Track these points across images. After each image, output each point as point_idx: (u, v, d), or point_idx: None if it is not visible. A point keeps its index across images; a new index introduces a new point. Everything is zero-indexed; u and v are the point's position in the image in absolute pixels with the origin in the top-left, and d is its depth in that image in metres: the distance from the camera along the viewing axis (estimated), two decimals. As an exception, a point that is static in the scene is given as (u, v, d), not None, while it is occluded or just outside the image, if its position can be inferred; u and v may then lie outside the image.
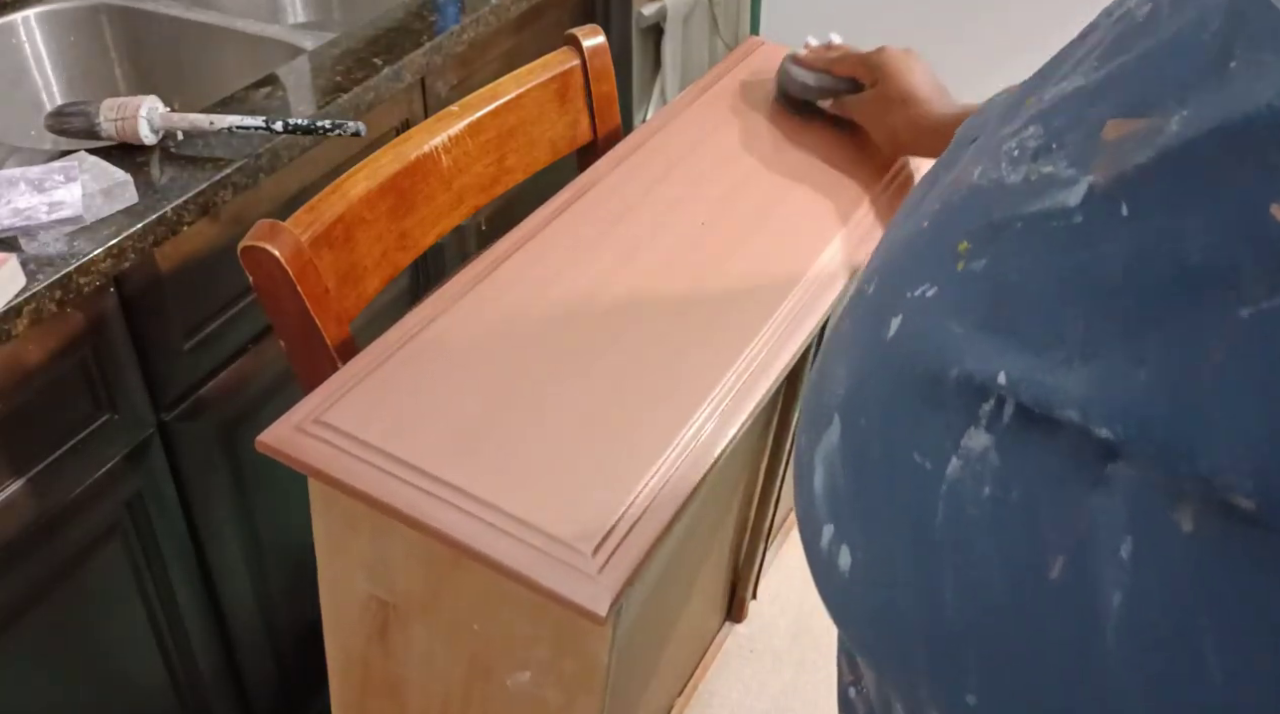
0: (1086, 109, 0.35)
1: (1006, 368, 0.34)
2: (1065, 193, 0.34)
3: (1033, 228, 0.35)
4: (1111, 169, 0.33)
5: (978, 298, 0.36)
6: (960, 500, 0.35)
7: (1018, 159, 0.37)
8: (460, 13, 1.23)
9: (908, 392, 0.38)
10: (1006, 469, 0.34)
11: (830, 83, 1.08)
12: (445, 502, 0.69)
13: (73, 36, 1.24)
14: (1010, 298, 0.35)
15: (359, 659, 0.86)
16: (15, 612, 0.90)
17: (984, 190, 0.38)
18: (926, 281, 0.39)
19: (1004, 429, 0.34)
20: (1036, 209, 0.35)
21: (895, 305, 0.40)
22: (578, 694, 0.74)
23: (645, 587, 0.79)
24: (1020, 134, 0.38)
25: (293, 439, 0.73)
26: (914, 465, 0.36)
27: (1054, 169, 0.35)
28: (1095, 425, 0.31)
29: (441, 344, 0.81)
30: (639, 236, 0.94)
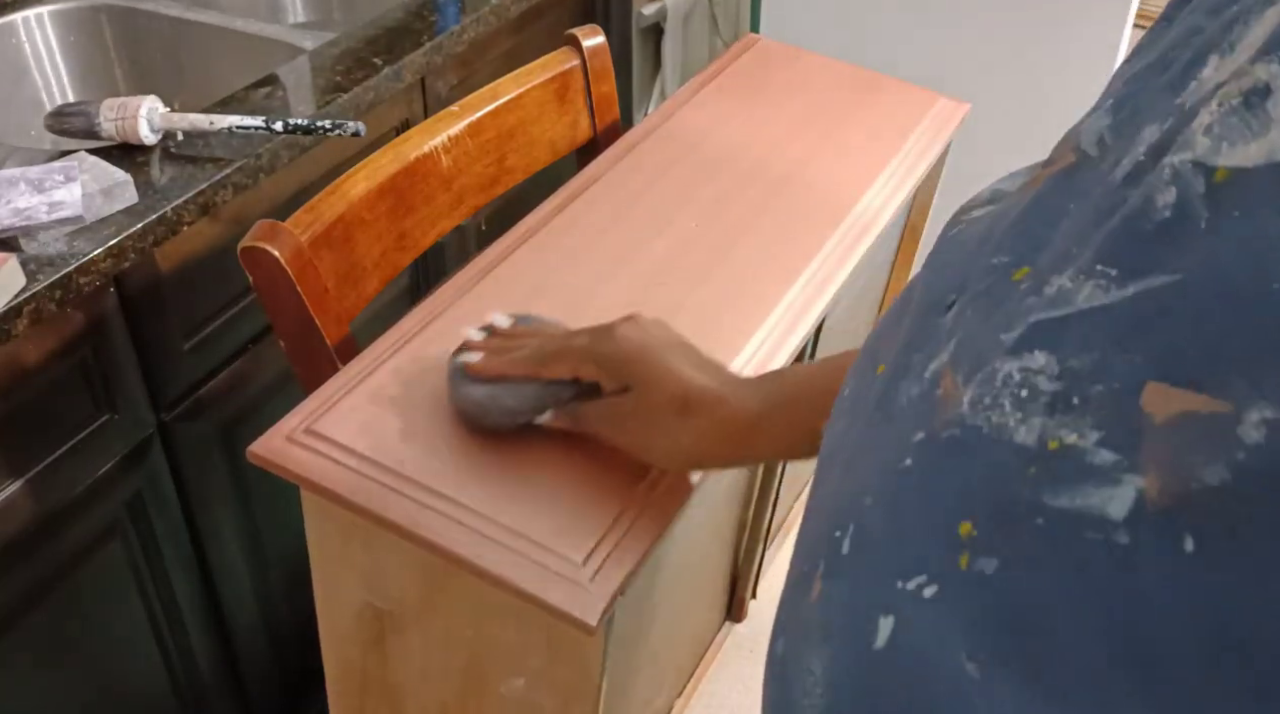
0: (1115, 353, 0.26)
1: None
2: (1104, 493, 0.25)
3: (1059, 532, 0.26)
4: (1169, 479, 0.24)
5: (992, 619, 0.28)
6: None
7: (1026, 405, 0.28)
8: (460, 13, 1.23)
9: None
10: None
11: (546, 393, 0.71)
12: (436, 511, 0.69)
13: (73, 36, 1.24)
14: (1034, 633, 0.27)
15: (356, 667, 0.86)
16: (15, 611, 0.90)
17: (985, 441, 0.29)
18: (922, 572, 0.30)
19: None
20: (1064, 506, 0.26)
21: (883, 597, 0.31)
22: (572, 701, 0.74)
23: (639, 593, 0.79)
24: (1025, 361, 0.29)
25: (284, 450, 0.72)
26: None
27: (1080, 440, 0.26)
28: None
29: (434, 351, 0.81)
30: (637, 236, 0.94)
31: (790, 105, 1.15)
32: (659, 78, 2.05)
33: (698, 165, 1.04)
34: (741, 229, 0.96)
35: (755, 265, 0.91)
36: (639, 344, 0.69)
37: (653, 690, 1.07)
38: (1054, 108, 1.77)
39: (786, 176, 1.03)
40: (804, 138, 1.09)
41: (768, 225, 0.96)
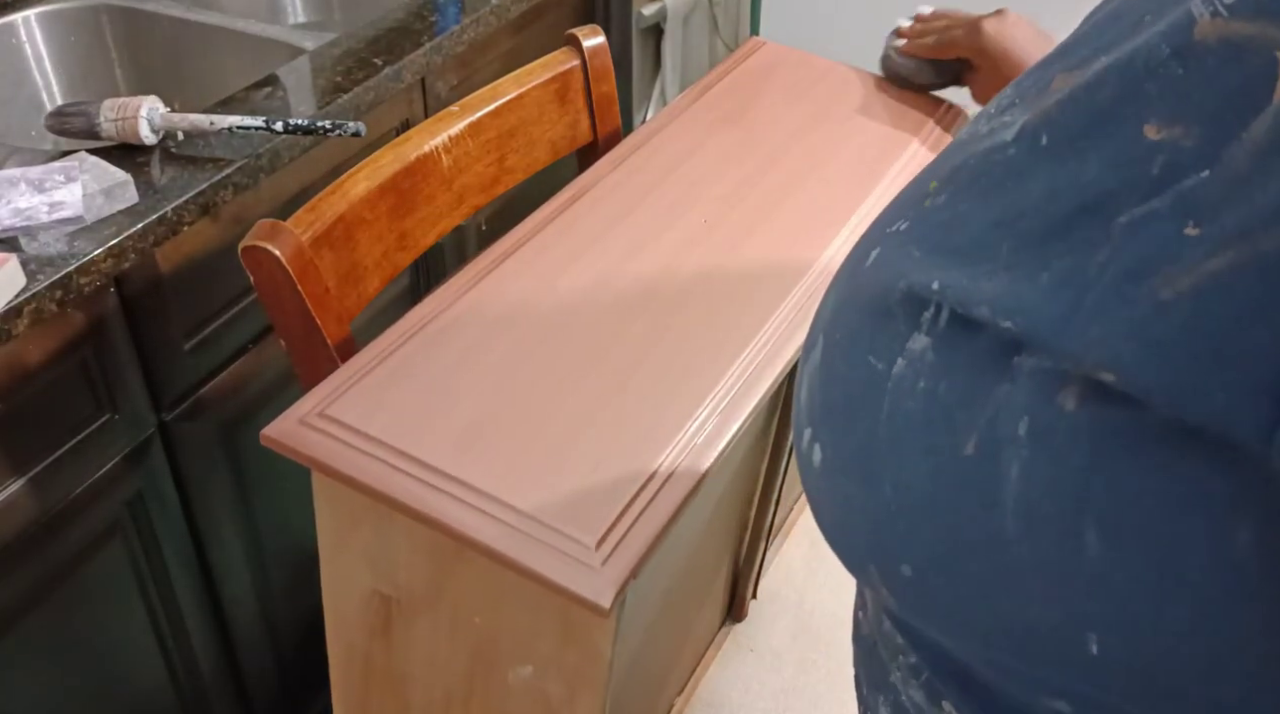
0: (1045, 69, 0.42)
1: (940, 278, 0.40)
2: (1006, 131, 0.40)
3: (980, 164, 0.41)
4: (1040, 108, 0.39)
5: (935, 227, 0.42)
6: (900, 395, 0.41)
7: (991, 115, 0.43)
8: (460, 13, 1.23)
9: (871, 308, 0.43)
10: (938, 365, 0.39)
11: (934, 72, 1.11)
12: (449, 495, 0.69)
13: (73, 36, 1.24)
14: (957, 225, 0.41)
15: (361, 655, 0.86)
16: (16, 612, 0.90)
17: (960, 142, 0.44)
18: (901, 218, 0.45)
19: (940, 332, 0.40)
20: (985, 146, 0.41)
21: (877, 239, 0.46)
22: (580, 688, 0.75)
23: (647, 581, 0.79)
24: (1000, 98, 0.44)
25: (297, 433, 0.73)
26: (869, 367, 0.42)
27: (1010, 118, 0.41)
28: (1000, 318, 0.37)
29: (444, 340, 0.81)
30: (640, 236, 0.94)
31: (794, 109, 1.15)
32: (659, 78, 2.05)
33: (701, 168, 1.04)
34: (745, 231, 0.96)
35: (759, 266, 0.92)
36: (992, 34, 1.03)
37: (655, 687, 1.07)
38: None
39: (790, 180, 1.03)
40: (808, 141, 1.09)
41: (771, 228, 0.97)
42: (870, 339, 0.43)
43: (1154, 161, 0.33)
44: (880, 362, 0.42)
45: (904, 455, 0.40)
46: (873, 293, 0.44)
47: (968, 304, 0.38)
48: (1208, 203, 0.32)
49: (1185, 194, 0.32)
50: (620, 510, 0.69)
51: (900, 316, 0.41)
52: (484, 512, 0.68)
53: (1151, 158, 0.34)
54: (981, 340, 0.38)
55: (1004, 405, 0.37)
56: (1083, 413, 0.35)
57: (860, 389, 0.43)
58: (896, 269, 0.42)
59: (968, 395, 0.38)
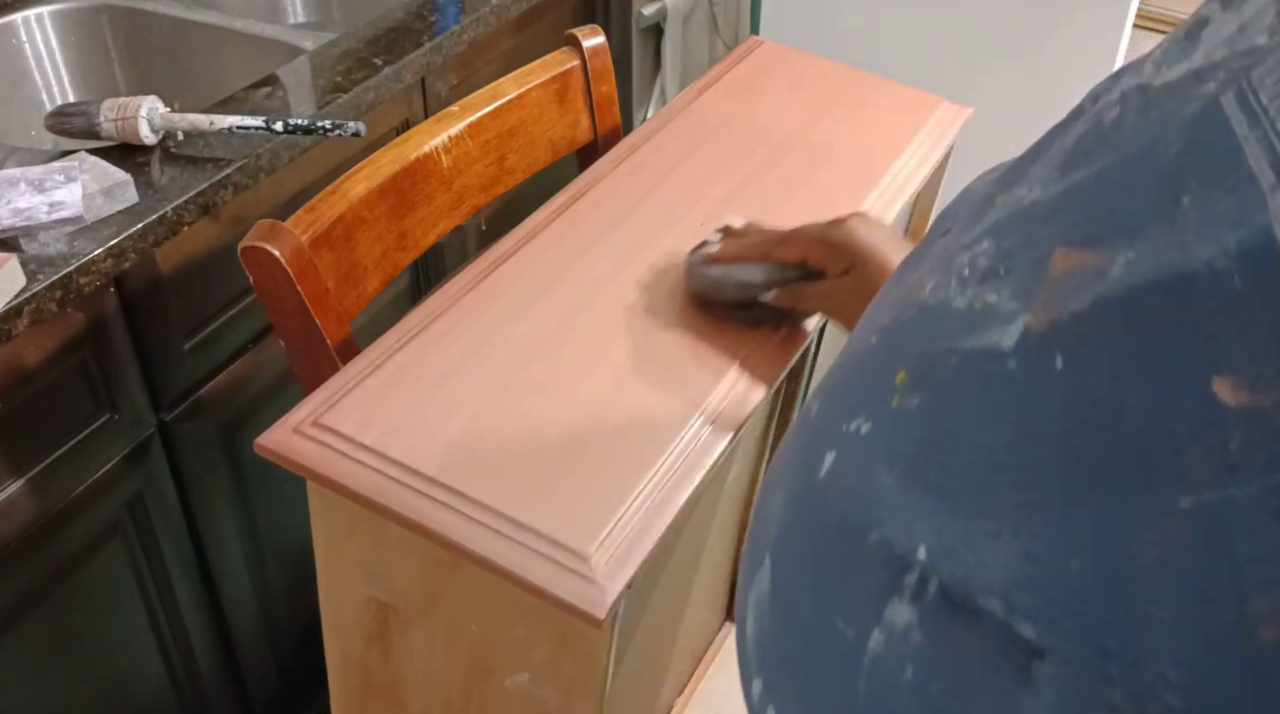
0: (1038, 229, 0.32)
1: (928, 541, 0.30)
2: (1002, 331, 0.31)
3: (967, 367, 0.32)
4: (1048, 311, 0.29)
5: (909, 443, 0.33)
6: (882, 681, 0.32)
7: (967, 280, 0.34)
8: (460, 13, 1.23)
9: (833, 546, 0.35)
10: (930, 653, 0.30)
11: (774, 273, 0.82)
12: (443, 504, 0.69)
13: (73, 36, 1.24)
14: (941, 449, 0.32)
15: (359, 661, 0.86)
16: (16, 611, 0.90)
17: (931, 312, 0.35)
18: (862, 414, 0.35)
19: (928, 605, 0.30)
20: (972, 346, 0.32)
21: (831, 437, 0.37)
22: (576, 696, 0.74)
23: (644, 589, 0.79)
24: (974, 248, 0.34)
25: (291, 442, 0.73)
26: (837, 634, 0.33)
27: (997, 299, 0.32)
28: (1019, 622, 0.27)
29: (440, 346, 0.81)
30: (640, 237, 0.94)
31: (792, 109, 1.15)
32: (659, 78, 2.05)
33: (701, 168, 1.04)
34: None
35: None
36: (865, 233, 0.79)
37: (654, 689, 1.07)
38: (1054, 110, 1.77)
39: (790, 180, 1.03)
40: (806, 142, 1.09)
41: (774, 225, 0.96)
42: (835, 590, 0.34)
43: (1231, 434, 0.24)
44: (850, 627, 0.33)
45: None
46: (835, 522, 0.35)
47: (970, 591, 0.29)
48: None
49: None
50: (616, 519, 0.69)
51: (872, 571, 0.33)
52: (479, 521, 0.68)
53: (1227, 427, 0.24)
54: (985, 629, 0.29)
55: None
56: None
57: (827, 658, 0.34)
58: (863, 503, 0.34)
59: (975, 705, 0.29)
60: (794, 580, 0.37)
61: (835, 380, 0.39)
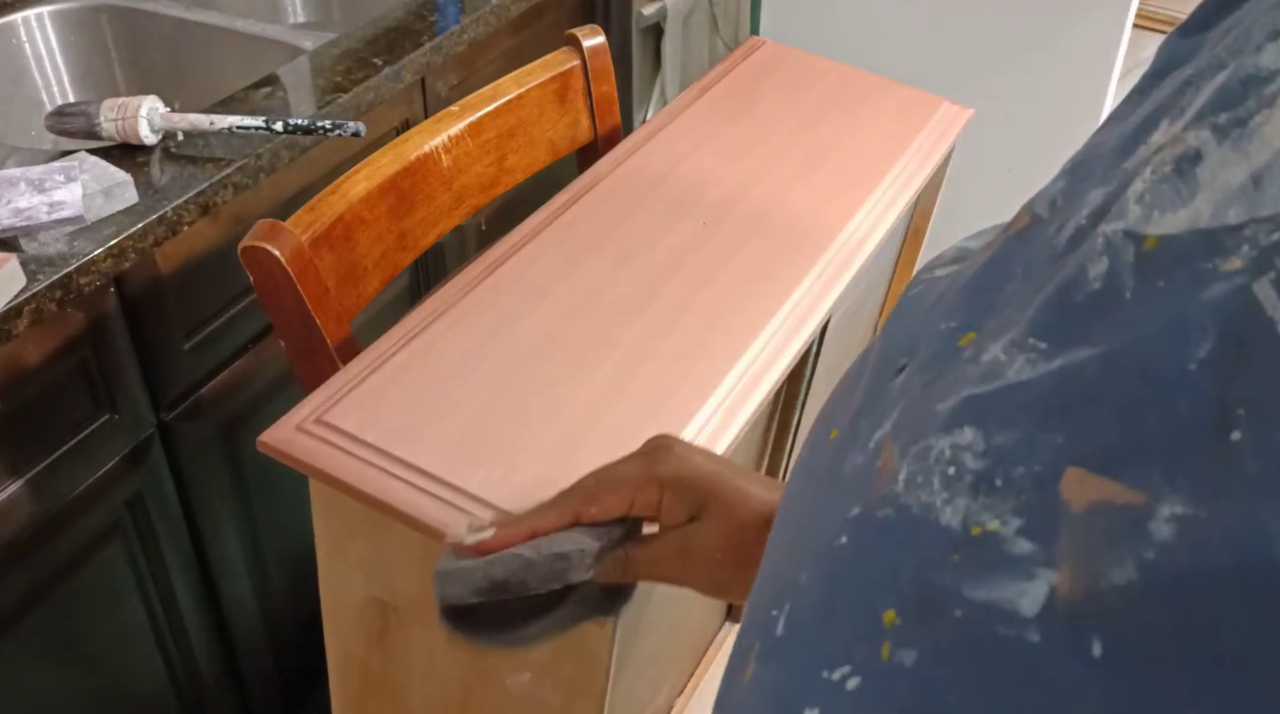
0: (1038, 432, 0.26)
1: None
2: (1017, 587, 0.25)
3: (976, 628, 0.26)
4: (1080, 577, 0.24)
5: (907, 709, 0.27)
6: None
7: (952, 484, 0.28)
8: (460, 13, 1.23)
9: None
10: None
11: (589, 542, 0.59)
12: (445, 502, 0.69)
13: (73, 36, 1.24)
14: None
15: (359, 661, 0.86)
16: (15, 612, 0.90)
17: (913, 521, 0.29)
18: (847, 663, 0.29)
19: None
20: (980, 598, 0.26)
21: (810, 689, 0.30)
22: (577, 696, 0.74)
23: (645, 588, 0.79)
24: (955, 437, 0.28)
25: (293, 439, 0.73)
26: None
27: (1000, 526, 0.26)
28: None
29: (442, 345, 0.81)
30: (640, 237, 0.94)
31: (794, 109, 1.15)
32: (659, 78, 2.05)
33: (701, 168, 1.04)
34: (744, 232, 0.96)
35: (760, 267, 0.91)
36: (701, 460, 0.60)
37: (654, 689, 1.07)
38: (1054, 109, 1.77)
39: (790, 181, 1.03)
40: (808, 142, 1.09)
41: (771, 230, 0.96)
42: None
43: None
44: None
45: None
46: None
47: None
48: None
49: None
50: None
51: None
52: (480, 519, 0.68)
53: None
54: None
55: None
56: None
57: None
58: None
59: None
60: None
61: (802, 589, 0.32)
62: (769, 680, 0.32)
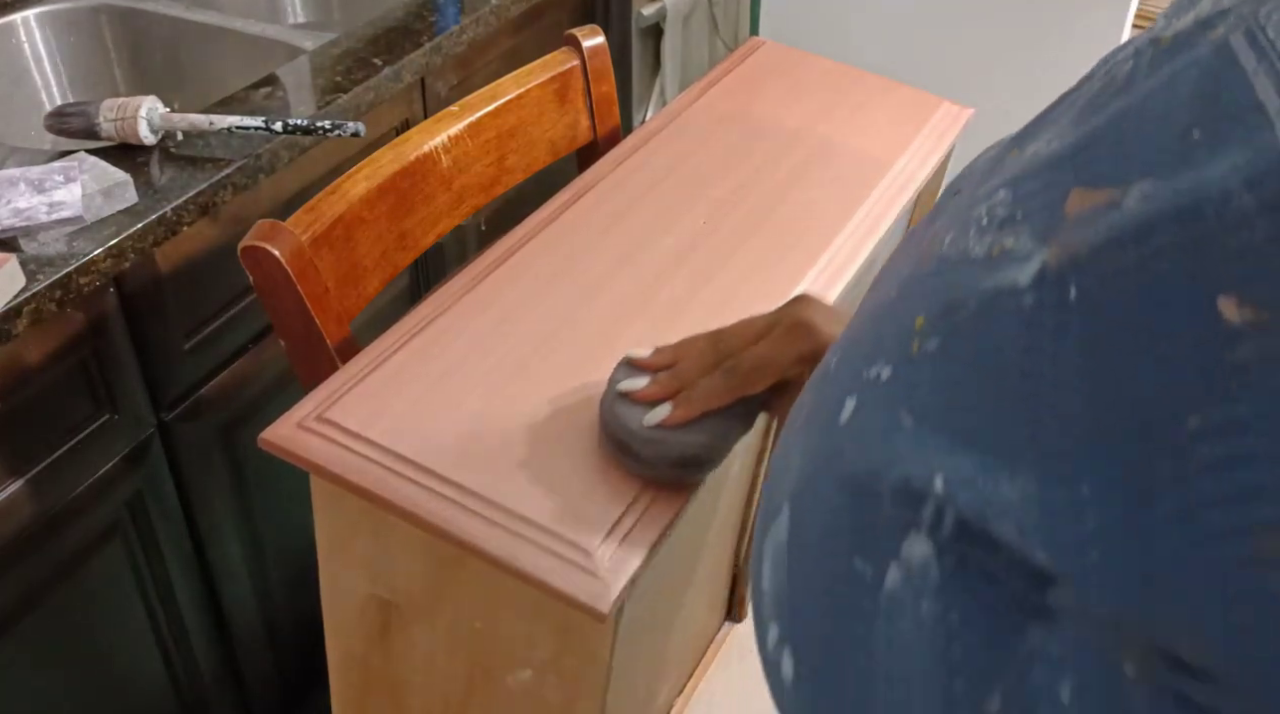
0: (1055, 175, 0.33)
1: (945, 472, 0.31)
2: (1018, 269, 0.31)
3: (985, 309, 0.32)
4: (1065, 247, 0.30)
5: (927, 386, 0.33)
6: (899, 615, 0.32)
7: (985, 229, 0.34)
8: (460, 13, 1.23)
9: (854, 489, 0.35)
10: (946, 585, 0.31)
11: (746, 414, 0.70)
12: (447, 499, 0.69)
13: (73, 36, 1.24)
14: (958, 388, 0.32)
15: (359, 660, 0.86)
16: (15, 612, 0.90)
17: (949, 262, 0.35)
18: (882, 361, 0.36)
19: (945, 539, 0.31)
20: (990, 286, 0.32)
21: (850, 385, 0.37)
22: (578, 693, 0.74)
23: (646, 585, 0.79)
24: (991, 199, 0.35)
25: (295, 436, 0.73)
26: (855, 573, 0.34)
27: (1015, 243, 0.32)
28: (1032, 547, 0.28)
29: (443, 342, 0.81)
30: (640, 236, 0.94)
31: (793, 110, 1.15)
32: (659, 78, 2.05)
33: (701, 168, 1.04)
34: (745, 232, 0.96)
35: (759, 268, 0.91)
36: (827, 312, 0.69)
37: (654, 688, 1.07)
38: (1054, 108, 1.77)
39: (790, 181, 1.03)
40: (807, 142, 1.09)
41: (771, 229, 0.96)
42: (853, 529, 0.35)
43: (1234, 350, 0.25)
44: (868, 565, 0.33)
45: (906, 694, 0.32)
46: (854, 467, 0.35)
47: (986, 518, 0.30)
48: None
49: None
50: (620, 514, 0.69)
51: (890, 505, 0.33)
52: (482, 516, 0.68)
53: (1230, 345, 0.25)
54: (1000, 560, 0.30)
55: (1038, 655, 0.28)
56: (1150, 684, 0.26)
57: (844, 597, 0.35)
58: (884, 444, 0.34)
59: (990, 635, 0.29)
60: (812, 526, 0.37)
61: (854, 333, 0.39)
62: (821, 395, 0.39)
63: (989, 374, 0.31)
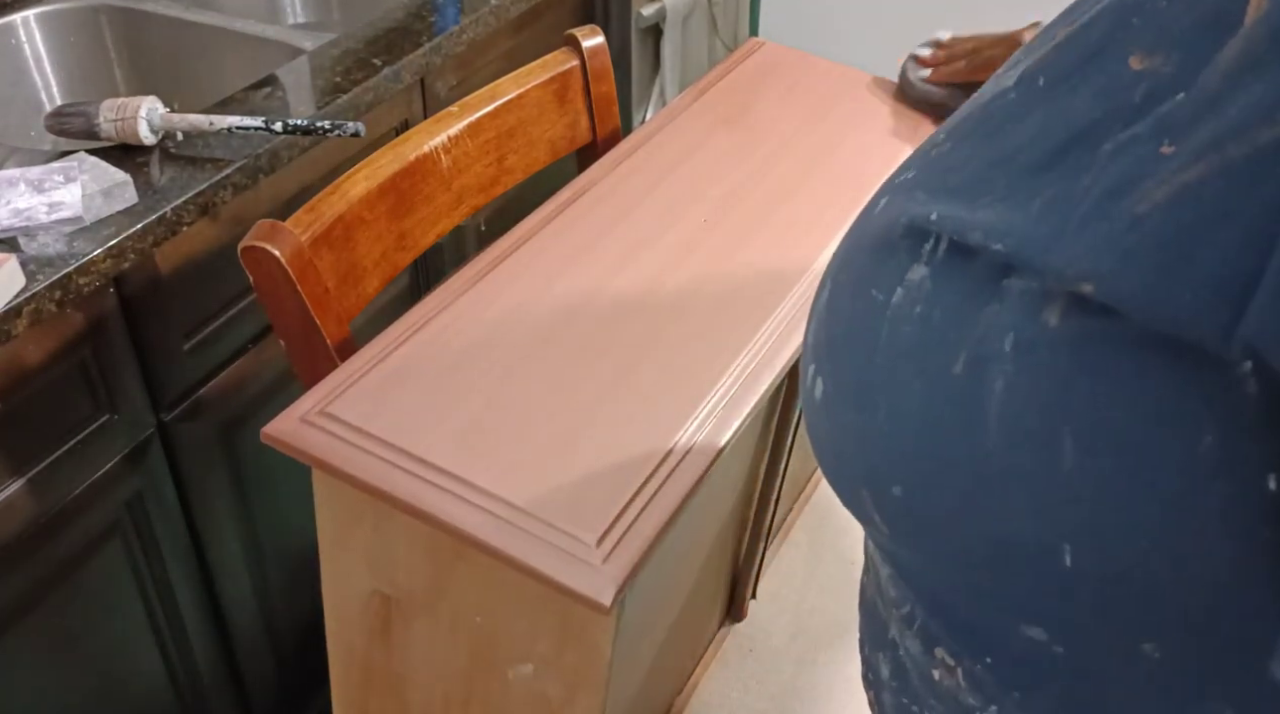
0: (1052, 28, 0.42)
1: (939, 208, 0.41)
2: (1010, 74, 0.42)
3: (983, 111, 0.43)
4: (1041, 50, 0.41)
5: (938, 171, 0.44)
6: (898, 321, 0.42)
7: (1000, 74, 0.44)
8: (460, 13, 1.23)
9: (875, 246, 0.45)
10: (934, 291, 0.41)
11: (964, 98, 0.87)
12: (449, 493, 0.69)
13: (73, 37, 1.24)
14: (958, 166, 0.42)
15: (361, 656, 0.86)
16: (15, 612, 0.90)
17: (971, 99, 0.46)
18: (911, 167, 0.46)
19: (938, 261, 0.41)
20: (990, 93, 0.43)
21: (886, 189, 0.47)
22: (579, 688, 0.75)
23: (647, 580, 0.79)
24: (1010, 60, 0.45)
25: (297, 431, 0.73)
26: (870, 299, 0.44)
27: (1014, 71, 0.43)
28: (992, 242, 0.39)
29: (444, 339, 0.81)
30: (640, 235, 0.94)
31: (794, 110, 1.15)
32: (658, 78, 2.05)
33: (700, 168, 1.04)
34: (744, 231, 0.96)
35: (759, 266, 0.92)
36: None
37: (654, 687, 1.07)
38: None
39: (790, 180, 1.03)
40: (807, 142, 1.09)
41: (771, 228, 0.97)
42: (873, 274, 0.44)
43: (1137, 90, 0.36)
44: (881, 293, 0.43)
45: (898, 379, 0.42)
46: (877, 232, 0.46)
47: (963, 232, 0.40)
48: (1182, 122, 0.34)
49: (1163, 117, 0.34)
50: (621, 508, 0.69)
51: (902, 250, 0.43)
52: (484, 509, 0.68)
53: (1135, 86, 0.36)
54: (976, 266, 0.40)
55: (992, 324, 0.38)
56: (1064, 327, 0.36)
57: (861, 320, 0.44)
58: (900, 208, 0.44)
59: (959, 317, 0.40)
60: (844, 284, 0.47)
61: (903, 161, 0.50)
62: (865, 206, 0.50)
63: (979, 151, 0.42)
